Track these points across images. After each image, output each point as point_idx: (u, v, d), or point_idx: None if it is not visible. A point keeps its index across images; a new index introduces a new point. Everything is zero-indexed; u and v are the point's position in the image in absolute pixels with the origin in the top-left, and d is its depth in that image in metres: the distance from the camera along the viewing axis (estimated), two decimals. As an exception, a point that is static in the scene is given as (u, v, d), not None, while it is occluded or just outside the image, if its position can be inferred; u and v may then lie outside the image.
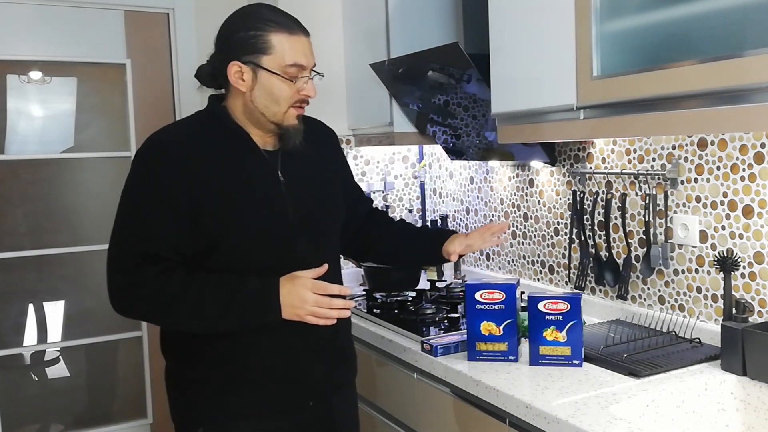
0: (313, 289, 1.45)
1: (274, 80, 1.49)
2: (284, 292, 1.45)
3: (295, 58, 1.49)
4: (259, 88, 1.50)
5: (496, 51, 1.90)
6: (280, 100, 1.50)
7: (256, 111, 1.52)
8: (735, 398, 1.54)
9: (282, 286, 1.46)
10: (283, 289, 1.45)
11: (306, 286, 1.45)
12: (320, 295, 1.46)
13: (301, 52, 1.50)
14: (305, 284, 1.45)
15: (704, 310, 1.83)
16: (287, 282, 1.46)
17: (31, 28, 2.66)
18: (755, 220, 1.69)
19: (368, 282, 2.52)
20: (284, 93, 1.50)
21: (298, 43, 1.50)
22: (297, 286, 1.45)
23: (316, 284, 1.46)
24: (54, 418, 2.87)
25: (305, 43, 1.51)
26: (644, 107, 1.46)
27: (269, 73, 1.48)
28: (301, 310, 1.45)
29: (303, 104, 1.54)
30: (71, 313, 2.86)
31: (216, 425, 1.53)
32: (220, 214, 1.47)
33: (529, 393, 1.50)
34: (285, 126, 1.53)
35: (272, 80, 1.49)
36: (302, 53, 1.50)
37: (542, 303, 1.66)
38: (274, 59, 1.48)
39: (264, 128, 1.54)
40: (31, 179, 2.78)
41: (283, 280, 1.46)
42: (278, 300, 1.45)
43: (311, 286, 1.45)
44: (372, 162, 2.97)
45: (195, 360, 1.54)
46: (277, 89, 1.49)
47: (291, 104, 1.51)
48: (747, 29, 1.25)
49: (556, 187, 2.31)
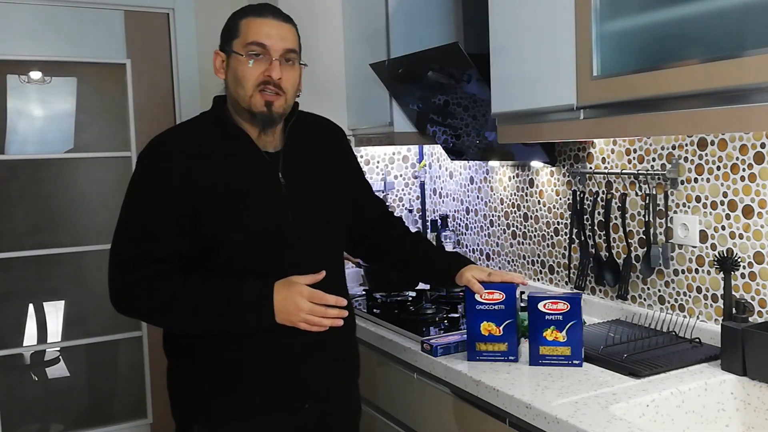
0: (309, 298, 1.45)
1: (238, 62, 1.50)
2: (279, 298, 1.45)
3: (256, 37, 1.49)
4: (229, 72, 1.52)
5: (496, 51, 1.90)
6: (243, 81, 1.49)
7: (232, 98, 1.53)
8: (735, 398, 1.54)
9: (277, 291, 1.46)
10: (278, 294, 1.45)
11: (302, 294, 1.45)
12: (315, 304, 1.46)
13: (264, 33, 1.49)
14: (301, 292, 1.46)
15: (704, 310, 1.82)
16: (283, 288, 1.46)
17: (31, 28, 2.66)
18: (755, 220, 1.69)
19: (368, 282, 2.52)
20: (246, 73, 1.49)
21: (264, 25, 1.50)
22: (293, 293, 1.45)
23: (312, 293, 1.46)
24: (54, 418, 2.87)
25: (273, 25, 1.51)
26: (644, 107, 1.46)
27: (235, 54, 1.50)
28: (294, 317, 1.45)
29: (268, 87, 1.49)
30: (71, 313, 2.86)
31: (211, 424, 1.54)
32: (218, 215, 1.47)
33: (529, 393, 1.50)
34: (255, 112, 1.51)
35: (237, 62, 1.50)
36: (265, 34, 1.49)
37: (542, 303, 1.66)
38: (239, 41, 1.50)
39: (246, 118, 1.53)
40: (31, 179, 2.78)
41: (278, 286, 1.46)
42: (272, 305, 1.45)
43: (307, 295, 1.46)
44: (372, 162, 2.97)
45: (193, 359, 1.55)
46: (240, 70, 1.50)
47: (255, 87, 1.49)
48: (747, 29, 1.25)
49: (556, 187, 2.31)
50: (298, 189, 1.56)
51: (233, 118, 1.55)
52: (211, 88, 1.65)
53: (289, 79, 1.51)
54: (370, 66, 2.43)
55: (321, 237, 1.60)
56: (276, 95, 1.50)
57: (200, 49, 2.84)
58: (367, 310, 2.31)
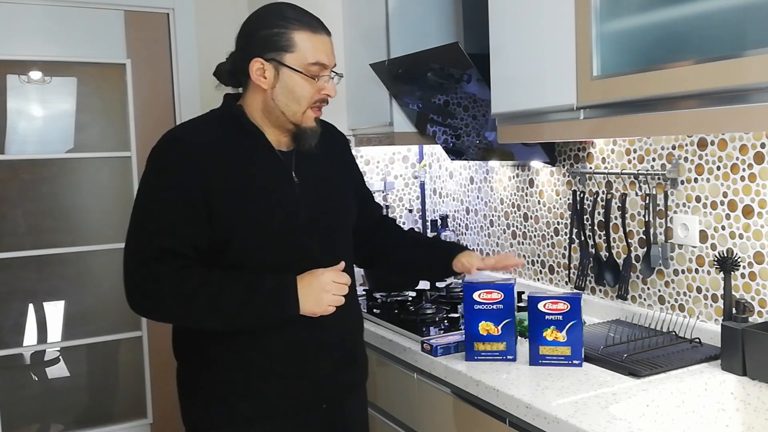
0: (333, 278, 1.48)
1: (297, 78, 1.49)
2: (303, 285, 1.46)
3: (318, 57, 1.49)
4: (280, 86, 1.50)
5: (496, 51, 1.90)
6: (301, 99, 1.50)
7: (276, 109, 1.52)
8: (735, 398, 1.54)
9: (300, 279, 1.47)
10: (302, 282, 1.47)
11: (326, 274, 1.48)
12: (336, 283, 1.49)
13: (324, 51, 1.50)
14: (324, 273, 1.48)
15: (704, 310, 1.82)
16: (306, 275, 1.48)
17: (31, 28, 2.66)
18: (755, 220, 1.69)
19: (368, 282, 2.52)
20: (305, 92, 1.50)
21: (321, 42, 1.51)
22: (315, 275, 1.48)
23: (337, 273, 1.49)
24: (54, 418, 2.87)
25: (327, 42, 1.52)
26: (644, 107, 1.46)
27: (292, 70, 1.49)
28: (322, 301, 1.47)
29: (322, 104, 1.54)
30: (71, 313, 2.86)
31: (227, 429, 1.53)
32: (232, 211, 1.47)
33: (529, 393, 1.50)
34: (303, 127, 1.53)
35: (294, 78, 1.49)
36: (324, 52, 1.50)
37: (542, 303, 1.66)
38: (296, 57, 1.48)
39: (282, 128, 1.54)
40: (31, 179, 2.78)
41: (301, 276, 1.48)
42: (297, 295, 1.45)
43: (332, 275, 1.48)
44: (372, 162, 2.97)
45: (205, 363, 1.54)
46: (299, 87, 1.50)
47: (310, 104, 1.52)
48: (747, 29, 1.25)
49: (556, 187, 2.31)
50: (310, 188, 1.56)
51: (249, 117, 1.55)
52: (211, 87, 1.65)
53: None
54: (370, 66, 2.43)
55: (333, 235, 1.61)
56: (321, 110, 1.55)
57: (200, 49, 2.84)
58: (367, 310, 2.31)
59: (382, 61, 2.37)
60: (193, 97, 2.84)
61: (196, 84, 2.85)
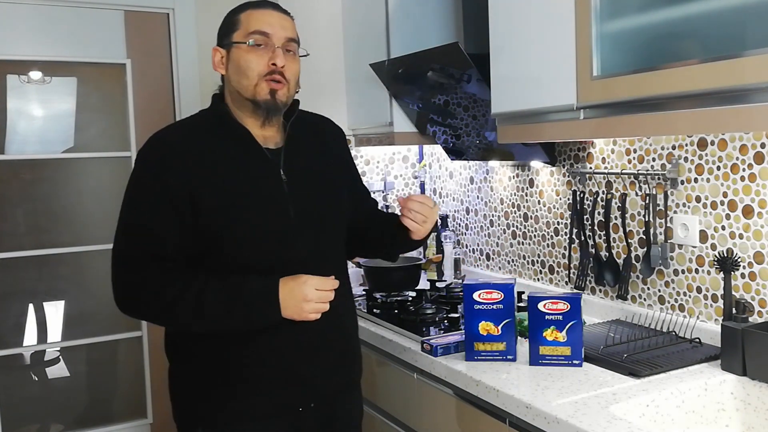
0: (316, 286, 1.47)
1: (241, 52, 1.51)
2: (285, 291, 1.46)
3: (258, 26, 1.50)
4: (232, 66, 1.53)
5: (496, 51, 1.90)
6: (248, 71, 1.50)
7: (234, 92, 1.54)
8: (735, 398, 1.54)
9: (283, 284, 1.46)
10: (284, 287, 1.46)
11: (309, 282, 1.47)
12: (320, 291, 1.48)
13: (265, 22, 1.51)
14: (307, 281, 1.47)
15: (704, 310, 1.82)
16: (288, 280, 1.47)
17: (31, 28, 2.66)
18: (755, 220, 1.69)
19: (368, 282, 2.52)
20: (251, 63, 1.50)
21: (262, 14, 1.52)
22: (298, 283, 1.46)
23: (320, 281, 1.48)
24: (54, 418, 2.87)
25: (272, 14, 1.53)
26: (644, 107, 1.46)
27: (237, 46, 1.51)
28: (302, 309, 1.46)
29: (275, 76, 1.50)
30: (71, 313, 2.86)
31: (215, 427, 1.53)
32: (219, 212, 1.47)
33: (529, 393, 1.50)
34: (258, 100, 1.51)
35: (240, 53, 1.51)
36: (266, 23, 1.51)
37: (542, 303, 1.66)
38: (240, 33, 1.52)
39: (249, 111, 1.54)
40: (31, 179, 2.78)
41: (283, 280, 1.47)
42: (278, 300, 1.45)
43: (315, 283, 1.47)
44: (372, 162, 2.97)
45: (195, 362, 1.54)
46: (243, 60, 1.50)
47: (261, 76, 1.50)
48: (747, 29, 1.25)
49: (556, 187, 2.31)
50: (299, 186, 1.56)
51: (234, 114, 1.55)
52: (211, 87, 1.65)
53: (291, 68, 1.53)
54: (370, 66, 2.43)
55: (323, 234, 1.60)
56: (280, 83, 1.52)
57: (200, 49, 2.84)
58: (367, 310, 2.31)
59: (382, 61, 2.37)
60: (193, 97, 2.84)
61: (196, 84, 2.85)
